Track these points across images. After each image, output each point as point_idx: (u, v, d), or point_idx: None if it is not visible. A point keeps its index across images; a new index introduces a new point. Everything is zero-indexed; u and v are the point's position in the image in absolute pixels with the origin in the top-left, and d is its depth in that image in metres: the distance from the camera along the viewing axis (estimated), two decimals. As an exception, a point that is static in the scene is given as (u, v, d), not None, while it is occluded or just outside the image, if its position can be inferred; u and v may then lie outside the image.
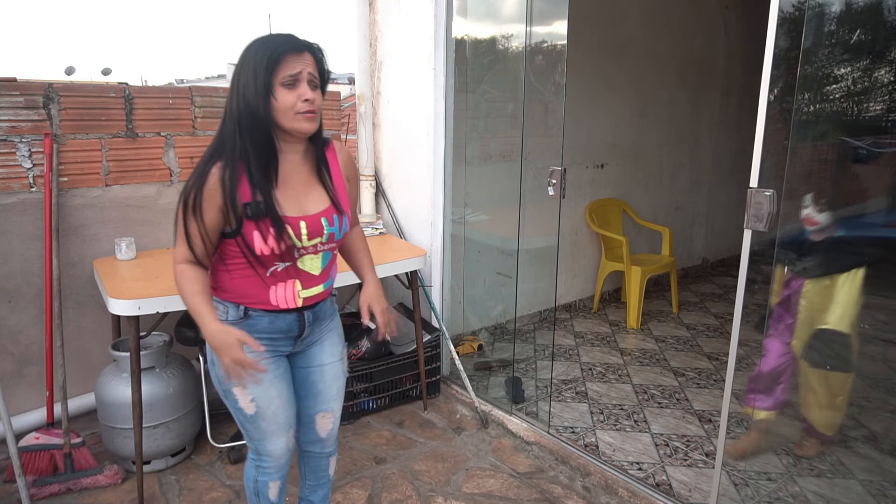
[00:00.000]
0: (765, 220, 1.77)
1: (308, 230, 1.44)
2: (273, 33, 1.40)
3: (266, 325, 1.51)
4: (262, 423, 1.58)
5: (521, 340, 3.71)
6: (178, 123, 2.79)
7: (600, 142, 4.16)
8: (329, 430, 1.75)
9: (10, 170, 2.41)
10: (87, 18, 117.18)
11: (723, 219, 5.25)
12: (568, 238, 4.09)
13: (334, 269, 1.61)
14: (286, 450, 1.67)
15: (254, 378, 1.44)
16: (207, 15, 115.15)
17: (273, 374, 1.57)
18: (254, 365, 1.37)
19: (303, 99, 1.37)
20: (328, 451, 1.80)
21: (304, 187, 1.47)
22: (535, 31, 2.70)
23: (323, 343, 1.67)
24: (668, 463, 2.47)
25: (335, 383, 1.71)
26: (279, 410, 1.59)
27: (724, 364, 3.39)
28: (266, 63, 1.34)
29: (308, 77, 1.38)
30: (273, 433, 1.61)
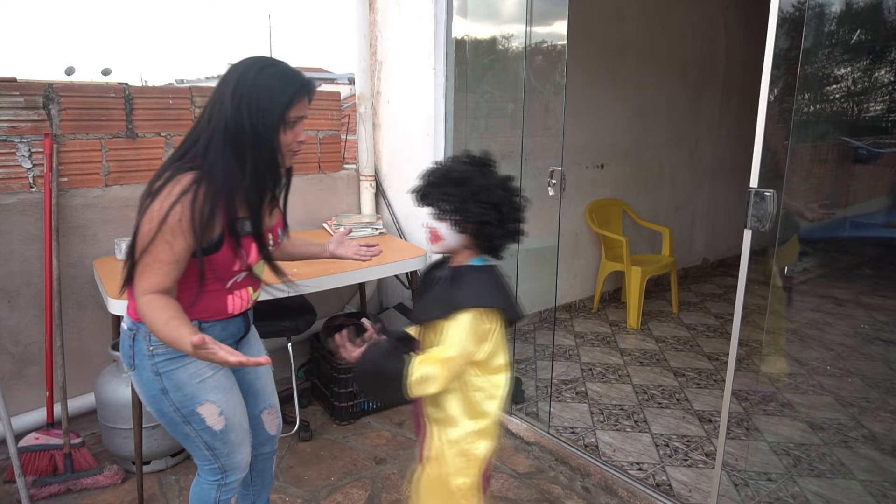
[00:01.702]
0: (765, 220, 1.77)
1: (272, 241, 1.57)
2: (288, 67, 1.40)
3: (218, 332, 1.48)
4: (232, 435, 1.53)
5: (521, 340, 3.71)
6: (178, 123, 2.79)
7: (600, 142, 4.16)
8: (277, 426, 1.78)
9: (10, 170, 2.41)
10: (86, 19, 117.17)
11: (723, 219, 5.25)
12: (568, 238, 4.09)
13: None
14: (248, 460, 1.63)
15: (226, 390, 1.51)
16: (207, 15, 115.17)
17: (231, 384, 1.55)
18: (257, 361, 1.29)
19: (298, 140, 1.43)
20: (275, 450, 1.81)
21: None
22: (536, 31, 2.70)
23: (250, 342, 1.68)
24: (668, 463, 2.47)
25: (269, 379, 1.74)
26: (242, 417, 1.57)
27: (725, 364, 3.38)
28: (288, 99, 1.36)
29: (302, 119, 1.44)
30: (241, 442, 1.57)
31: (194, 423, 1.47)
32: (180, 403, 1.44)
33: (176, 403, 1.44)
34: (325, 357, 2.87)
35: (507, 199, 1.36)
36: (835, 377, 3.27)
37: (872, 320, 3.87)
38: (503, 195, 1.35)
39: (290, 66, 1.41)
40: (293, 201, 3.32)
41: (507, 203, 1.36)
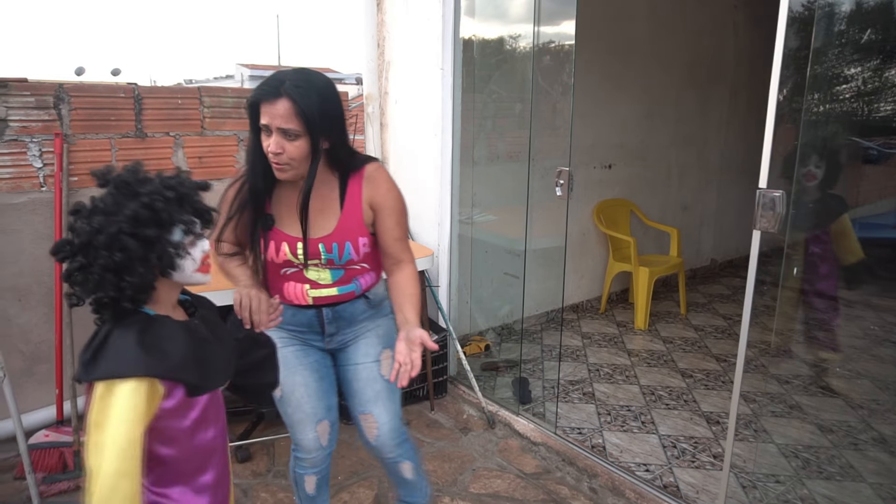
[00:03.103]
0: (774, 221, 1.76)
1: (305, 252, 1.53)
2: (276, 72, 1.41)
3: (290, 317, 1.62)
4: (289, 409, 1.64)
5: (529, 341, 3.71)
6: (187, 123, 2.80)
7: (608, 142, 4.15)
8: (375, 435, 1.68)
9: (21, 169, 2.43)
10: (96, 19, 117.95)
11: (731, 219, 5.23)
12: (575, 238, 4.08)
13: (361, 278, 1.62)
14: (317, 445, 1.67)
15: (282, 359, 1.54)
16: (216, 16, 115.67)
17: (298, 360, 1.64)
18: (267, 311, 1.43)
19: (268, 150, 1.40)
20: (390, 457, 1.72)
21: (314, 212, 1.52)
22: (543, 31, 2.70)
23: (358, 342, 1.68)
24: (675, 465, 2.46)
25: (371, 385, 1.67)
26: (303, 399, 1.63)
27: (733, 366, 3.37)
28: (248, 108, 1.42)
29: (278, 129, 1.37)
30: (300, 422, 1.64)
31: None
32: None
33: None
34: (332, 356, 2.87)
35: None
36: (844, 379, 3.25)
37: (882, 322, 3.85)
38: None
39: (279, 72, 1.41)
40: (301, 201, 3.32)
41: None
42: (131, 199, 1.04)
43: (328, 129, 1.42)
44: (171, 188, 1.08)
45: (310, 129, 1.37)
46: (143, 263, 1.03)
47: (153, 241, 1.04)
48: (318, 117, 1.38)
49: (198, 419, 1.13)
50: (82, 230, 1.02)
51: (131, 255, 1.02)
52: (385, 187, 1.55)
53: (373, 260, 1.62)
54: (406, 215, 1.61)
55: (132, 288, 1.03)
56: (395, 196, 1.56)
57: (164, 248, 1.06)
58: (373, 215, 1.55)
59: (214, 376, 1.17)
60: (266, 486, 2.37)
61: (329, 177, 1.53)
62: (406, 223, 1.61)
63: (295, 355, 1.65)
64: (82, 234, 1.02)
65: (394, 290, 1.59)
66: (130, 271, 1.02)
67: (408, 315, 1.50)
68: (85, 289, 1.03)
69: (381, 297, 1.69)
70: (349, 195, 1.53)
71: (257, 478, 2.42)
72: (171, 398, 1.07)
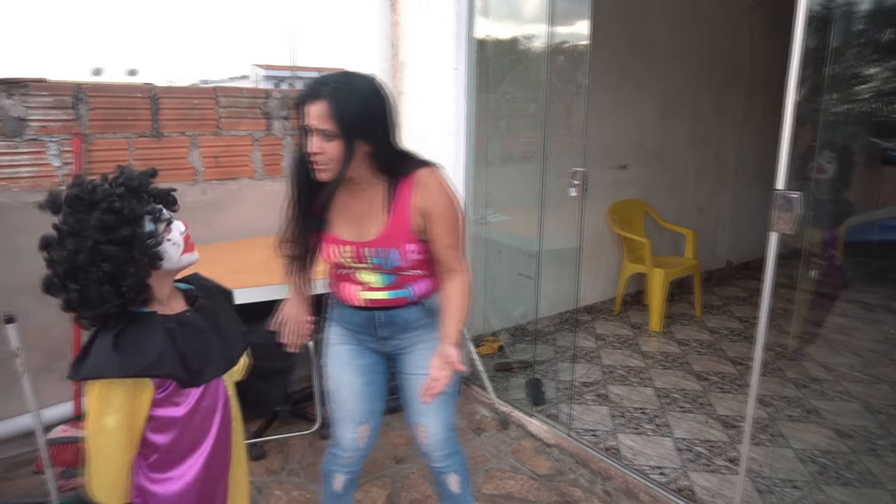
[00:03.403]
0: (791, 222, 1.74)
1: (352, 255, 1.54)
2: (321, 74, 1.42)
3: (346, 316, 1.66)
4: (333, 405, 1.70)
5: (542, 342, 3.70)
6: (203, 123, 2.83)
7: (622, 143, 4.12)
8: (426, 444, 1.70)
9: (41, 168, 2.46)
10: (113, 20, 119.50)
11: (747, 221, 5.18)
12: (589, 239, 4.06)
13: (415, 284, 1.59)
14: (355, 445, 1.70)
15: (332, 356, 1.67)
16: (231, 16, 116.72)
17: (349, 361, 1.68)
18: (298, 334, 1.58)
19: (308, 150, 1.41)
20: (438, 466, 1.74)
21: (361, 216, 1.52)
22: (558, 31, 2.69)
23: (413, 352, 1.66)
24: (690, 468, 2.44)
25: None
26: (347, 398, 1.68)
27: (749, 369, 3.33)
28: (294, 108, 1.43)
29: (316, 129, 1.38)
30: (341, 420, 1.69)
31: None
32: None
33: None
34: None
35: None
36: (863, 384, 3.20)
37: (899, 327, 3.79)
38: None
39: (317, 77, 1.42)
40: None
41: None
42: (90, 210, 1.05)
43: (366, 132, 1.40)
44: (121, 184, 1.09)
45: (344, 130, 1.37)
46: (131, 263, 1.06)
47: (130, 240, 1.06)
48: (355, 119, 1.37)
49: (192, 408, 1.16)
50: (60, 258, 1.04)
51: (117, 260, 1.04)
52: (436, 193, 1.50)
53: (429, 266, 1.59)
54: (459, 222, 1.54)
55: (132, 290, 1.07)
56: (446, 203, 1.50)
57: (142, 241, 1.08)
58: (423, 222, 1.51)
59: (208, 367, 1.18)
60: (280, 484, 2.38)
61: (377, 181, 1.51)
62: (459, 229, 1.54)
63: (348, 354, 1.68)
64: (63, 262, 1.04)
65: (442, 300, 1.57)
66: (124, 275, 1.06)
67: (448, 329, 1.49)
68: (92, 309, 1.07)
69: (439, 307, 1.65)
70: (397, 201, 1.50)
71: (271, 475, 2.44)
72: (162, 389, 1.12)
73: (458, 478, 1.76)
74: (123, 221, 1.06)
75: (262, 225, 3.07)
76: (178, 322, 1.15)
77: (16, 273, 2.44)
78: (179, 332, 1.14)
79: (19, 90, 2.38)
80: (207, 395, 1.18)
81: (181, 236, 1.16)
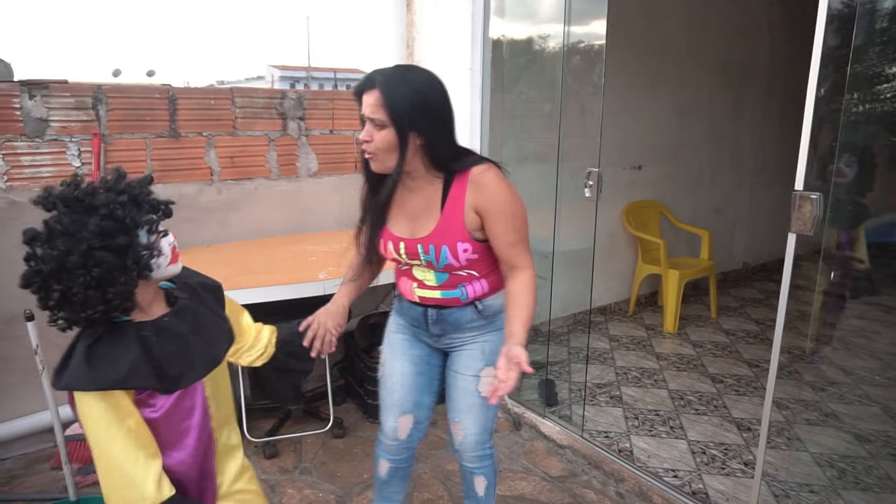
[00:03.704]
0: (810, 223, 1.71)
1: (405, 251, 1.55)
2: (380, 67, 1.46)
3: (405, 309, 1.71)
4: (383, 392, 1.75)
5: (555, 343, 3.68)
6: (219, 124, 2.85)
7: (638, 143, 4.10)
8: (461, 441, 1.71)
9: (61, 168, 2.50)
10: (132, 22, 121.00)
11: (765, 222, 5.12)
12: (604, 240, 4.04)
13: (468, 285, 1.57)
14: (395, 434, 1.75)
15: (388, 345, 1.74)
16: (247, 17, 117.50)
17: (403, 349, 1.73)
18: (323, 341, 1.58)
19: (360, 138, 1.45)
20: (468, 465, 1.76)
21: (417, 212, 1.53)
22: (573, 30, 2.68)
23: (463, 352, 1.66)
24: (704, 471, 2.42)
25: (465, 397, 1.67)
26: (395, 387, 1.72)
27: (765, 371, 3.30)
28: (355, 98, 1.47)
29: (368, 118, 1.41)
30: (387, 407, 1.75)
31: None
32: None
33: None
34: (359, 355, 2.89)
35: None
36: (883, 387, 3.15)
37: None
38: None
39: (375, 69, 1.45)
40: (331, 199, 3.36)
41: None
42: (89, 213, 1.03)
43: (417, 123, 1.40)
44: (123, 192, 1.07)
45: (395, 119, 1.38)
46: (121, 272, 1.04)
47: (126, 249, 1.04)
48: (406, 109, 1.38)
49: (168, 411, 1.14)
50: (48, 256, 1.01)
51: (109, 267, 1.02)
52: (490, 190, 1.46)
53: (484, 268, 1.56)
54: (520, 218, 1.49)
55: (117, 297, 1.04)
56: (503, 200, 1.46)
57: (137, 252, 1.06)
58: (479, 221, 1.48)
59: (188, 371, 1.16)
60: (293, 483, 2.40)
61: (434, 177, 1.51)
62: (520, 226, 1.49)
63: (402, 344, 1.73)
64: (50, 261, 1.00)
65: (507, 299, 1.51)
66: (112, 282, 1.03)
67: (514, 329, 1.41)
68: (72, 311, 1.04)
69: (494, 310, 1.62)
70: (451, 198, 1.48)
71: (284, 474, 2.45)
72: (140, 393, 1.10)
73: (485, 482, 1.78)
74: (122, 230, 1.05)
75: (277, 225, 3.09)
76: (155, 328, 1.13)
77: (36, 271, 2.48)
78: (156, 339, 1.12)
79: (41, 91, 2.42)
80: (186, 397, 1.16)
81: (170, 247, 1.15)
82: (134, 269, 1.07)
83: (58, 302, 1.03)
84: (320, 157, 3.17)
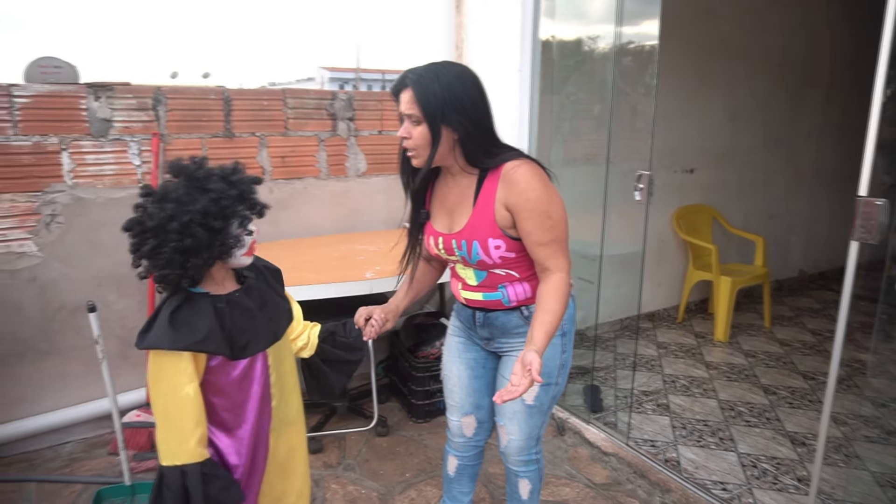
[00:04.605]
0: (875, 231, 1.64)
1: (443, 246, 1.57)
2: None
3: (458, 310, 1.74)
4: (444, 391, 1.81)
5: (601, 348, 3.63)
6: (272, 124, 2.92)
7: (690, 145, 4.00)
8: (505, 444, 1.71)
9: (122, 167, 2.60)
10: (188, 26, 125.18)
11: (824, 229, 4.92)
12: (653, 245, 3.95)
13: (509, 287, 1.55)
14: (460, 432, 1.80)
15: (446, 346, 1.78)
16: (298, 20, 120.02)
17: (458, 353, 1.75)
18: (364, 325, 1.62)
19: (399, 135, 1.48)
20: (514, 470, 1.76)
21: (454, 207, 1.55)
22: (625, 31, 2.63)
23: (511, 357, 1.65)
24: (755, 485, 2.34)
25: (510, 403, 1.63)
26: (453, 389, 1.77)
27: (821, 384, 3.17)
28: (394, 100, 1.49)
29: (405, 115, 1.44)
30: (449, 407, 1.80)
31: None
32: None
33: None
34: (403, 355, 2.92)
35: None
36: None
37: None
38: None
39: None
40: (379, 200, 3.39)
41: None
42: (202, 193, 1.18)
43: (450, 118, 1.41)
44: (234, 185, 1.22)
45: (427, 115, 1.40)
46: (207, 249, 1.19)
47: (217, 232, 1.19)
48: (437, 105, 1.39)
49: (240, 376, 1.28)
50: (155, 214, 1.16)
51: (199, 241, 1.17)
52: (521, 187, 1.42)
53: (525, 269, 1.53)
54: (553, 218, 1.43)
55: (195, 268, 1.19)
56: (533, 197, 1.41)
57: (225, 237, 1.21)
58: (511, 218, 1.45)
59: (253, 342, 1.29)
60: (336, 478, 2.43)
61: (469, 172, 1.51)
62: (553, 226, 1.43)
63: (457, 347, 1.76)
64: (155, 218, 1.16)
65: (536, 300, 1.46)
66: (196, 254, 1.17)
67: (534, 333, 1.36)
68: (154, 265, 1.19)
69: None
70: (483, 193, 1.48)
71: (328, 469, 2.49)
72: (214, 358, 1.24)
73: (529, 486, 1.78)
74: (221, 216, 1.19)
75: (325, 224, 3.15)
76: (227, 301, 1.26)
77: (98, 265, 2.59)
78: (228, 311, 1.25)
79: (106, 93, 2.53)
80: (250, 367, 1.30)
81: (250, 241, 1.28)
82: (216, 251, 1.21)
83: (146, 253, 1.18)
84: (369, 158, 3.21)
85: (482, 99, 1.46)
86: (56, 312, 2.54)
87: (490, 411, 1.78)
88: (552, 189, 1.46)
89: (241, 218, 1.24)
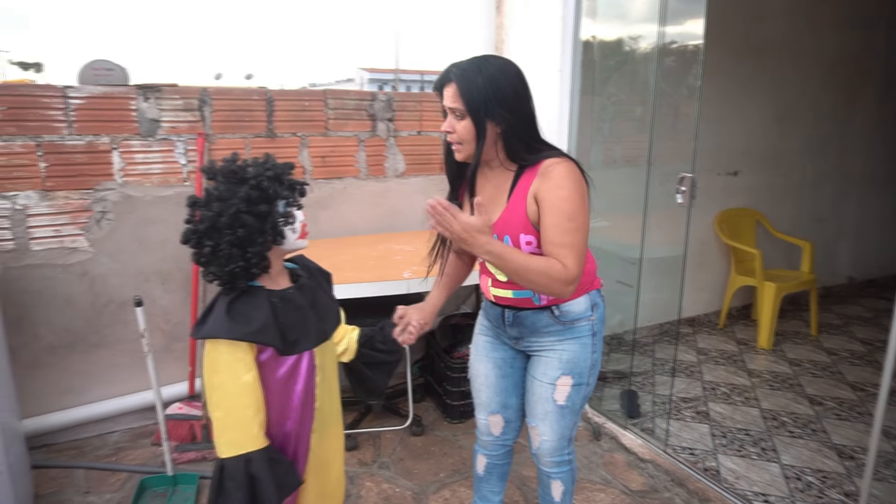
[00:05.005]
0: (932, 237, 1.57)
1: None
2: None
3: (487, 308, 1.74)
4: (472, 390, 1.82)
5: (640, 353, 3.57)
6: (312, 124, 2.96)
7: (733, 148, 3.90)
8: (537, 446, 1.71)
9: (169, 165, 2.68)
10: (232, 28, 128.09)
11: (875, 234, 4.73)
12: (694, 248, 3.87)
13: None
14: (488, 430, 1.80)
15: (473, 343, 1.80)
16: (338, 22, 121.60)
17: (486, 352, 1.76)
18: (404, 326, 1.61)
19: (442, 129, 1.49)
20: (546, 471, 1.76)
21: (488, 200, 1.54)
22: (668, 30, 2.59)
23: (541, 358, 1.64)
24: (799, 498, 2.27)
25: (542, 403, 1.65)
26: (480, 387, 1.77)
27: (871, 396, 3.06)
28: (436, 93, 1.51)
29: (449, 109, 1.45)
30: (477, 405, 1.81)
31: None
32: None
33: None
34: (439, 355, 2.92)
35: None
36: None
37: None
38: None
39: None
40: (417, 200, 3.41)
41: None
42: (241, 184, 1.22)
43: (493, 112, 1.41)
44: (269, 168, 1.26)
45: (471, 109, 1.41)
46: (260, 234, 1.23)
47: (266, 215, 1.23)
48: (481, 99, 1.40)
49: (287, 374, 1.30)
50: (205, 216, 1.21)
51: (251, 229, 1.21)
52: (554, 182, 1.40)
53: None
54: (575, 221, 1.40)
55: (255, 256, 1.23)
56: (564, 195, 1.39)
57: (274, 219, 1.25)
58: (538, 211, 1.43)
59: (303, 339, 1.31)
60: (371, 476, 2.45)
61: (508, 167, 1.51)
62: (574, 230, 1.39)
63: (484, 346, 1.76)
64: (206, 220, 1.21)
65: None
66: (252, 242, 1.22)
67: (507, 246, 1.40)
68: (219, 265, 1.22)
69: (572, 316, 1.58)
70: (518, 187, 1.47)
71: (363, 467, 2.51)
72: (264, 353, 1.26)
73: (562, 487, 1.77)
74: (265, 199, 1.23)
75: (364, 223, 3.18)
76: (281, 297, 1.30)
77: (144, 261, 2.68)
78: (281, 306, 1.28)
79: (154, 94, 2.61)
80: (300, 364, 1.32)
81: (300, 224, 1.31)
82: (270, 234, 1.24)
83: (208, 257, 1.22)
84: (407, 158, 3.23)
85: (525, 90, 1.46)
86: (105, 306, 2.63)
87: (518, 411, 1.78)
88: (584, 194, 1.44)
89: (283, 198, 1.27)
